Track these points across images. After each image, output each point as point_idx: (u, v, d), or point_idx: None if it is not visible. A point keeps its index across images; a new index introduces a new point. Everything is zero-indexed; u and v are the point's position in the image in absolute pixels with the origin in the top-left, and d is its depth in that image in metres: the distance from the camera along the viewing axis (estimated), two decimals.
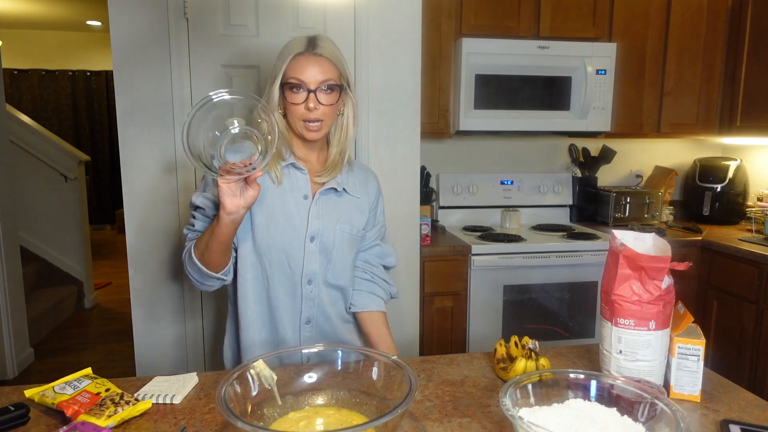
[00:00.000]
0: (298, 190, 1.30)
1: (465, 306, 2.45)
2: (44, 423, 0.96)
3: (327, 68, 1.23)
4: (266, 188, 1.28)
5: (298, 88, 1.22)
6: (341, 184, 1.33)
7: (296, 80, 1.21)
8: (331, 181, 1.32)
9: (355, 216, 1.36)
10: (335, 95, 1.25)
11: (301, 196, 1.30)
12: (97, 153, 7.52)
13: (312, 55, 1.23)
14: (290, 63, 1.23)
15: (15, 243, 3.21)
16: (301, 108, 1.22)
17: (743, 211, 2.97)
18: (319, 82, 1.21)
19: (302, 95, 1.22)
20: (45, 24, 6.64)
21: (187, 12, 1.95)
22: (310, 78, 1.21)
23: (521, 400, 0.87)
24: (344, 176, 1.35)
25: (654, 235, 1.06)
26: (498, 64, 2.56)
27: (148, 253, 2.03)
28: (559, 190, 3.00)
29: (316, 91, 1.21)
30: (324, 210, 1.31)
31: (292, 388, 0.97)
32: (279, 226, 1.27)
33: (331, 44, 1.27)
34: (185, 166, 2.02)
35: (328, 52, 1.24)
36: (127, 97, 1.95)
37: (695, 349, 1.02)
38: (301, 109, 1.22)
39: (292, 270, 1.29)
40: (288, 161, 1.29)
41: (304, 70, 1.21)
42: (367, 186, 1.41)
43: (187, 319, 2.08)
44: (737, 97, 2.80)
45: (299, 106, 1.22)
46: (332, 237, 1.31)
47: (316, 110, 1.22)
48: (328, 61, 1.23)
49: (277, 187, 1.28)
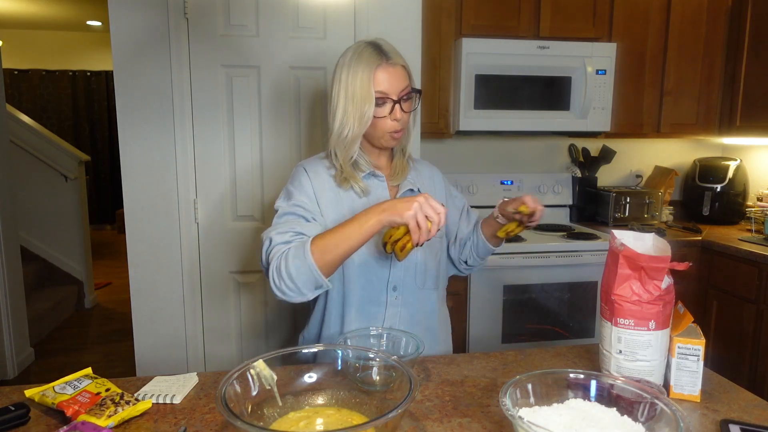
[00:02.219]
0: (380, 198, 1.29)
1: (465, 306, 2.44)
2: (44, 423, 0.96)
3: (403, 76, 1.22)
4: (354, 200, 1.27)
5: (383, 102, 1.20)
6: (414, 183, 1.33)
7: (380, 94, 1.20)
8: (404, 183, 1.31)
9: None
10: (412, 101, 1.25)
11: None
12: (97, 153, 7.52)
13: (389, 66, 1.20)
14: (374, 77, 1.19)
15: (15, 243, 3.21)
16: (387, 121, 1.22)
17: (743, 211, 2.97)
18: (400, 92, 1.21)
19: (387, 108, 1.21)
20: (45, 24, 6.64)
21: (187, 12, 1.95)
22: (392, 89, 1.20)
23: (521, 400, 0.87)
24: (414, 176, 1.35)
25: (654, 235, 1.06)
26: (498, 64, 2.56)
27: (148, 253, 2.03)
28: (559, 190, 3.00)
29: (399, 101, 1.21)
30: None
31: (292, 388, 0.96)
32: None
33: (394, 48, 1.25)
34: (185, 166, 2.02)
35: (400, 59, 1.23)
36: (127, 97, 1.95)
37: (695, 349, 1.02)
38: (388, 122, 1.22)
39: (378, 278, 1.27)
40: (366, 171, 1.29)
41: (386, 82, 1.19)
42: (434, 181, 1.41)
43: (187, 319, 2.08)
44: (737, 97, 2.80)
45: (385, 119, 1.22)
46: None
47: (401, 120, 1.22)
48: (402, 68, 1.23)
49: (361, 198, 1.27)
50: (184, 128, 2.00)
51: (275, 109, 2.07)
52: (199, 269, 2.08)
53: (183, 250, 2.05)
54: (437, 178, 1.43)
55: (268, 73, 2.04)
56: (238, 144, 2.07)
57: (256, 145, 2.08)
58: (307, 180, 1.27)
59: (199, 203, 2.05)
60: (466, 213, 1.48)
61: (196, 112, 2.01)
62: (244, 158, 2.08)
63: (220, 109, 2.03)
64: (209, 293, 2.10)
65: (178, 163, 2.01)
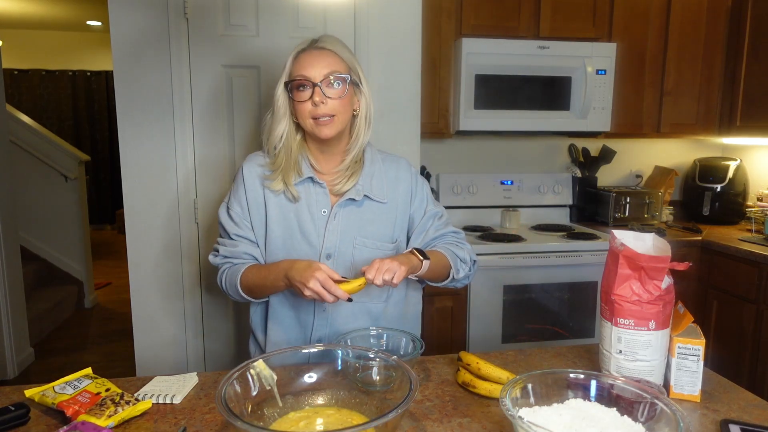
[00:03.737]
0: (316, 205, 1.24)
1: (465, 306, 2.44)
2: (44, 423, 0.96)
3: (331, 60, 1.17)
4: (284, 206, 1.24)
5: (304, 86, 1.16)
6: (362, 191, 1.24)
7: (301, 77, 1.16)
8: (349, 191, 1.24)
9: (379, 226, 1.27)
10: (343, 88, 1.18)
11: (319, 212, 1.24)
12: (97, 153, 7.52)
13: (314, 49, 1.18)
14: (294, 62, 1.18)
15: (15, 243, 3.21)
16: (308, 105, 1.16)
17: (743, 211, 2.97)
18: (324, 75, 1.15)
19: (307, 92, 1.16)
20: (45, 24, 6.64)
21: (187, 12, 1.95)
22: (315, 73, 1.15)
23: (521, 400, 0.87)
24: (367, 179, 1.26)
25: (654, 235, 1.06)
26: (498, 64, 2.56)
27: (148, 253, 2.03)
28: (559, 190, 3.00)
29: (321, 84, 1.15)
30: (343, 224, 1.24)
31: (292, 388, 0.97)
32: (296, 243, 1.23)
33: (335, 39, 1.22)
34: (185, 166, 2.02)
35: (330, 45, 1.19)
36: (127, 97, 1.95)
37: (695, 349, 1.02)
38: (309, 106, 1.16)
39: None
40: (305, 176, 1.24)
41: (307, 65, 1.16)
42: (398, 186, 1.30)
43: (187, 319, 2.08)
44: (737, 97, 2.80)
45: (306, 104, 1.17)
46: (351, 252, 1.24)
47: (323, 104, 1.16)
48: (332, 53, 1.18)
49: (295, 204, 1.24)
50: (184, 128, 2.00)
51: None
52: (199, 269, 2.08)
53: (183, 250, 2.05)
54: (402, 183, 1.30)
55: (268, 73, 2.04)
56: (238, 144, 2.07)
57: (257, 146, 2.08)
58: (241, 184, 1.29)
59: (199, 203, 2.05)
60: (437, 220, 1.35)
61: (196, 112, 2.01)
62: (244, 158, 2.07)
63: (220, 109, 2.03)
64: (209, 293, 2.10)
65: (178, 163, 2.01)
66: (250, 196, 1.27)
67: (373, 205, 1.27)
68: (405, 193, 1.31)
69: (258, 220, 1.27)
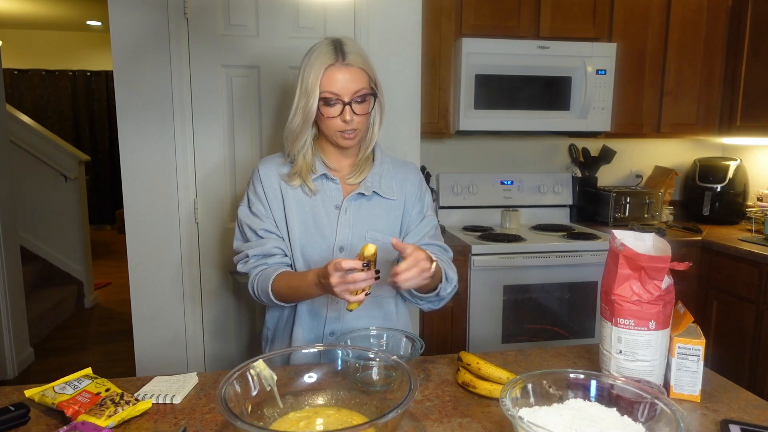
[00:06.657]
0: (330, 200, 1.30)
1: (465, 306, 2.44)
2: (44, 423, 0.96)
3: (358, 77, 1.21)
4: (301, 201, 1.29)
5: (334, 102, 1.21)
6: (371, 187, 1.30)
7: (330, 94, 1.20)
8: (360, 186, 1.30)
9: (387, 221, 1.32)
10: (368, 104, 1.25)
11: (332, 206, 1.29)
12: (97, 153, 7.51)
13: (343, 66, 1.20)
14: (324, 76, 1.20)
15: (15, 243, 3.21)
16: (337, 121, 1.22)
17: (743, 211, 2.97)
18: (353, 94, 1.21)
19: (337, 108, 1.21)
20: (45, 24, 6.64)
21: (187, 12, 1.95)
22: (344, 90, 1.20)
23: (521, 400, 0.87)
24: (376, 177, 1.32)
25: (654, 235, 1.06)
26: (498, 64, 2.56)
27: (148, 253, 2.03)
28: (559, 190, 3.00)
29: (350, 103, 1.21)
30: (355, 218, 1.29)
31: (292, 388, 0.97)
32: (312, 237, 1.28)
33: (357, 49, 1.24)
34: (185, 166, 2.02)
35: (358, 61, 1.22)
36: (127, 97, 1.95)
37: (695, 349, 1.02)
38: (338, 122, 1.22)
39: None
40: (318, 173, 1.29)
41: (337, 82, 1.20)
42: (405, 185, 1.36)
43: (187, 319, 2.08)
44: (737, 97, 2.80)
45: (335, 119, 1.22)
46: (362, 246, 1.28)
47: (352, 122, 1.22)
48: (359, 69, 1.22)
49: (311, 198, 1.29)
50: (184, 128, 2.00)
51: (275, 109, 2.07)
52: (199, 269, 2.08)
53: (183, 250, 2.05)
54: (410, 184, 1.36)
55: (268, 73, 2.04)
56: (238, 144, 2.07)
57: (256, 146, 2.08)
58: (259, 182, 1.31)
59: (199, 203, 2.05)
60: (430, 229, 1.36)
61: (196, 112, 2.01)
62: (244, 158, 2.08)
63: (220, 109, 2.03)
64: (209, 293, 2.10)
65: (178, 163, 2.01)
66: (269, 193, 1.31)
67: (381, 202, 1.32)
68: (411, 194, 1.37)
69: (279, 215, 1.31)
